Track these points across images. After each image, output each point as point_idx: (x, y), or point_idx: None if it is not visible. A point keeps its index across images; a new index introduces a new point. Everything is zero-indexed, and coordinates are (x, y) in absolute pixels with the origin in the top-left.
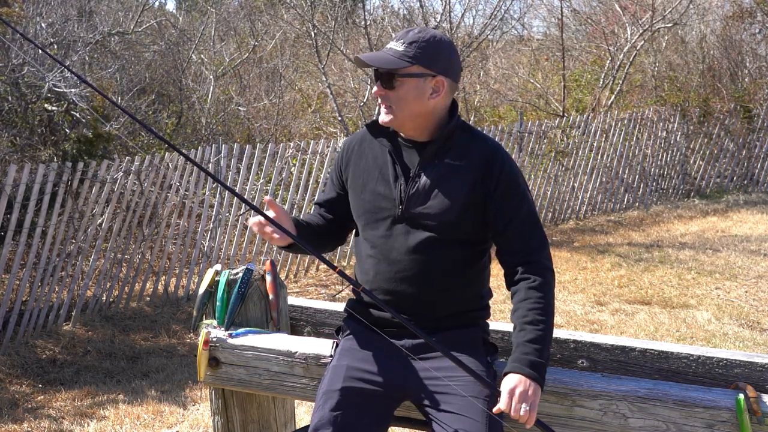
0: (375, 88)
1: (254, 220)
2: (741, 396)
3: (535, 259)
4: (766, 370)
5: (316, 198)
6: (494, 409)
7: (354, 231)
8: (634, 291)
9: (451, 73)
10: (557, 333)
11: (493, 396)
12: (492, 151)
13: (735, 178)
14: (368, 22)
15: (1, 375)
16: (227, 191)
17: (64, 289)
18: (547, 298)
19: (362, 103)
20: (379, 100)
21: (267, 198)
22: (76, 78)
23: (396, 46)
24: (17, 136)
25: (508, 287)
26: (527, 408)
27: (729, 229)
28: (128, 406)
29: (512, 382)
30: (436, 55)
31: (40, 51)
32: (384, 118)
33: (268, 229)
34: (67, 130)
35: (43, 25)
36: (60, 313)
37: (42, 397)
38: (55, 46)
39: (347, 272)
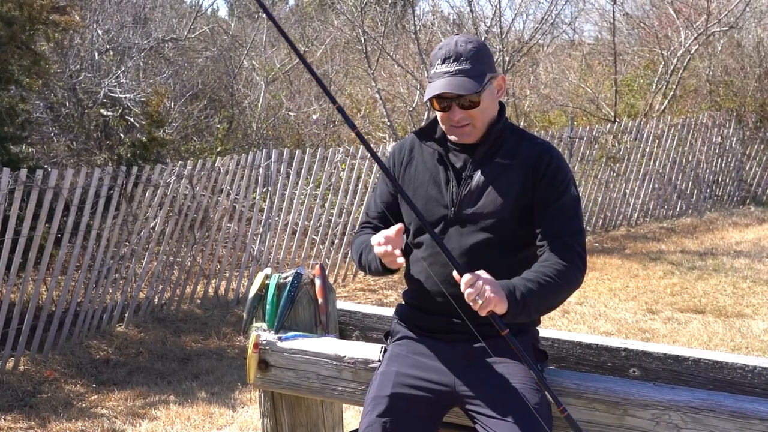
0: (452, 114)
1: (381, 250)
2: None
3: (569, 243)
4: None
5: (362, 217)
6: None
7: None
8: (687, 299)
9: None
10: (609, 341)
11: (544, 403)
12: (542, 148)
13: None
14: (418, 28)
15: (56, 374)
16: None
17: (117, 291)
18: (563, 274)
19: (411, 108)
20: (458, 123)
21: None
22: (130, 83)
23: (461, 66)
24: (74, 140)
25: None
26: (476, 297)
27: None
28: (179, 408)
29: (487, 276)
30: (490, 57)
31: (96, 57)
32: (462, 138)
33: (397, 252)
34: (121, 135)
35: (99, 32)
36: (113, 315)
37: (95, 396)
38: (111, 53)
39: (396, 277)
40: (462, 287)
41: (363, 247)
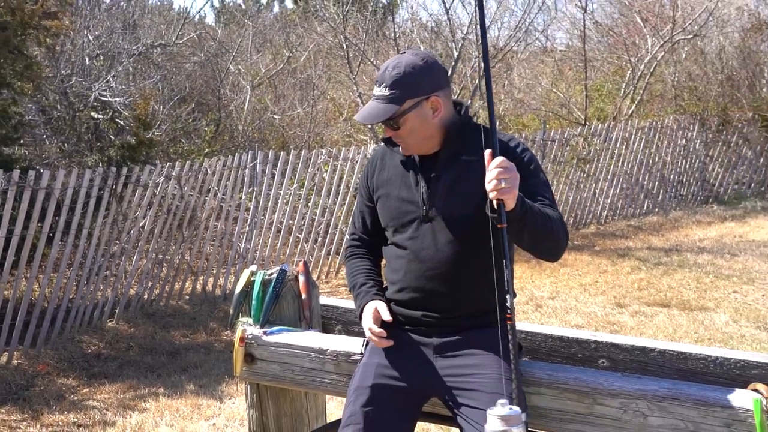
0: (386, 132)
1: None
2: (758, 396)
3: (553, 207)
4: None
5: (350, 228)
6: (488, 156)
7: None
8: (653, 294)
9: (441, 85)
10: (579, 334)
11: (521, 394)
12: (508, 139)
13: (753, 185)
14: (397, 35)
15: (49, 368)
16: None
17: (108, 288)
18: (557, 220)
19: None
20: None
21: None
22: (120, 87)
23: (382, 91)
24: (65, 142)
25: None
26: (500, 183)
27: (746, 235)
28: (168, 399)
29: (516, 172)
30: (419, 80)
31: (87, 61)
32: (406, 152)
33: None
34: (111, 137)
35: (90, 37)
36: (104, 310)
37: (87, 389)
38: (102, 58)
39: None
40: (496, 162)
41: (354, 285)
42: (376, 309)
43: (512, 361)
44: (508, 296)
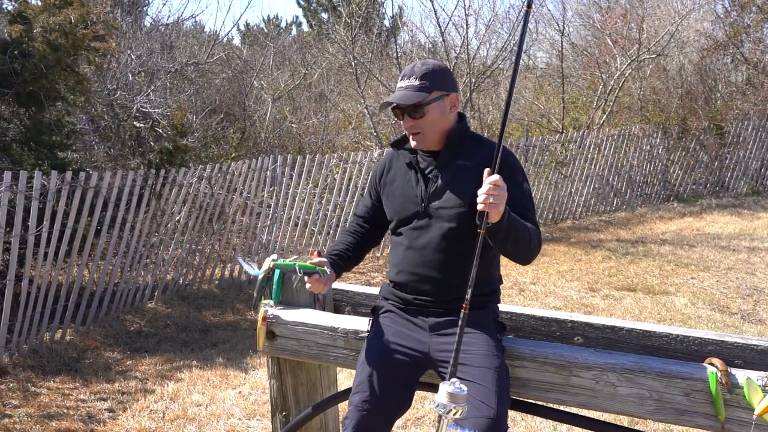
0: (404, 122)
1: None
2: (713, 369)
3: (531, 218)
4: (734, 348)
5: (354, 211)
6: (486, 173)
7: (390, 231)
8: (621, 280)
9: (457, 89)
10: (557, 315)
11: (503, 366)
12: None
13: (708, 185)
14: (399, 54)
15: (97, 343)
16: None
17: (148, 274)
18: (534, 232)
19: (395, 121)
20: (409, 130)
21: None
22: (158, 100)
23: (411, 82)
24: (111, 148)
25: None
26: (489, 198)
27: (703, 228)
28: (200, 371)
29: (505, 190)
30: (444, 77)
31: (130, 78)
32: (417, 144)
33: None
34: (151, 143)
35: (132, 57)
36: (145, 293)
37: (130, 362)
38: (143, 74)
39: (381, 262)
40: (492, 180)
41: (335, 243)
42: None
43: (456, 341)
44: (469, 290)
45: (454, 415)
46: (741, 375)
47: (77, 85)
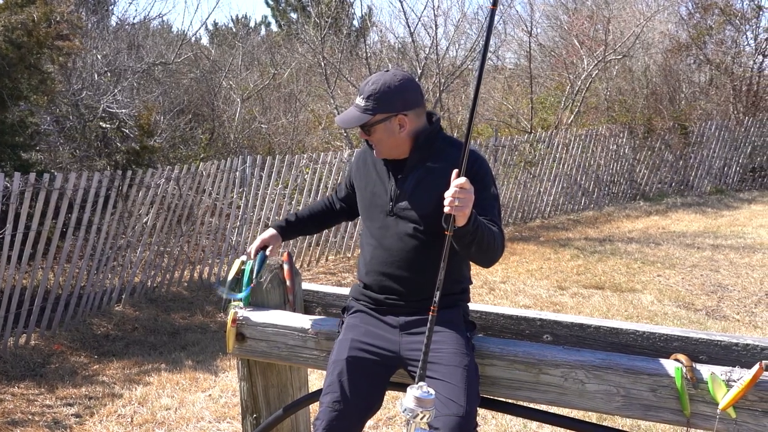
0: (362, 135)
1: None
2: (679, 365)
3: (495, 222)
4: (699, 343)
5: (331, 191)
6: (454, 175)
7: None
8: (589, 278)
9: (411, 105)
10: (527, 313)
11: (472, 365)
12: (468, 153)
13: (673, 184)
14: (368, 55)
15: (63, 348)
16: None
17: (115, 276)
18: (499, 235)
19: None
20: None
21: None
22: (125, 100)
23: (358, 101)
24: (77, 148)
25: None
26: (454, 201)
27: (668, 227)
28: (169, 374)
29: (472, 194)
30: (391, 98)
31: (96, 77)
32: (377, 155)
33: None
34: (118, 144)
35: (99, 56)
36: (112, 296)
37: (97, 366)
38: (109, 74)
39: (352, 262)
40: (458, 183)
41: (306, 208)
42: (264, 239)
43: (425, 342)
44: (437, 292)
45: (422, 419)
46: (705, 370)
47: (41, 85)
